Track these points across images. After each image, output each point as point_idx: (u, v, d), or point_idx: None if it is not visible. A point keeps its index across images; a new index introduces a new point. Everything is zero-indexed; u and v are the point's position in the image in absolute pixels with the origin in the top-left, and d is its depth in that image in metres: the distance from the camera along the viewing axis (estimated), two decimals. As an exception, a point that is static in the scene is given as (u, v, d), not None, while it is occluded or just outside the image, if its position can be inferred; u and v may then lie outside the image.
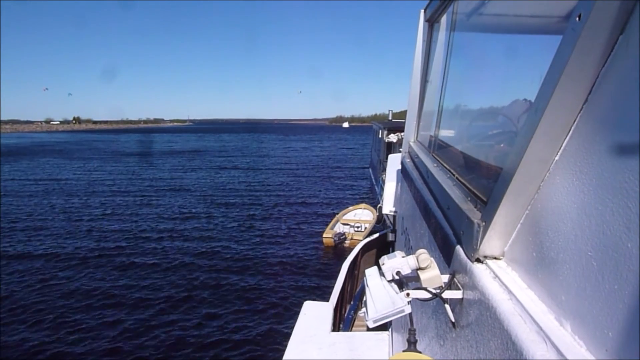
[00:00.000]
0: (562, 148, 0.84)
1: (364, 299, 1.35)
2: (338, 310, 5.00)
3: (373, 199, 19.47)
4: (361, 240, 8.38)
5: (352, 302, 6.11)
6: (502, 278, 0.99)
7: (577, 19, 0.70)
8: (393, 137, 18.68)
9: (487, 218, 1.07)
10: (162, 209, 18.65)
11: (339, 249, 12.80)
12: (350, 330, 5.37)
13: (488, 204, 1.10)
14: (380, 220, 13.68)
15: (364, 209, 15.92)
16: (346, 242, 13.27)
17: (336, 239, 13.32)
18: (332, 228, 14.26)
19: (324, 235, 13.74)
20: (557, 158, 0.85)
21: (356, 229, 14.33)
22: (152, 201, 20.27)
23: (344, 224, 14.86)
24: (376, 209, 14.31)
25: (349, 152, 53.75)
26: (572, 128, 0.80)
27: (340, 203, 19.31)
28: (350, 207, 16.15)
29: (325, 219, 16.35)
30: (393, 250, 1.38)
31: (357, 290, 6.59)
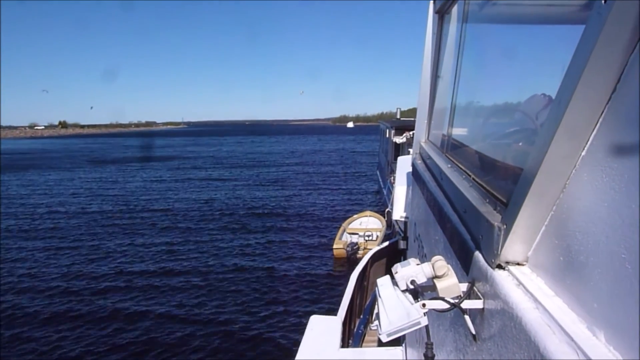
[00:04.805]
0: (588, 143, 0.83)
1: (376, 311, 1.34)
2: (347, 324, 4.98)
3: (382, 204, 19.40)
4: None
5: (361, 316, 6.09)
6: (526, 285, 0.98)
7: (603, 1, 0.70)
8: (402, 138, 18.67)
9: (508, 221, 1.06)
10: (159, 223, 18.57)
11: (352, 260, 12.78)
12: (361, 346, 5.36)
13: (509, 206, 1.10)
14: (390, 226, 13.65)
15: (370, 216, 15.90)
16: (359, 252, 13.18)
17: (349, 249, 13.30)
18: (340, 238, 14.29)
19: (335, 247, 13.74)
20: (583, 154, 0.85)
21: (367, 238, 14.29)
22: (148, 215, 20.17)
23: (351, 234, 14.83)
24: (384, 215, 14.27)
25: (355, 155, 53.75)
26: (600, 121, 0.80)
27: (348, 211, 19.26)
28: (355, 216, 16.13)
29: (333, 229, 16.36)
30: (404, 259, 1.38)
31: (367, 302, 6.57)
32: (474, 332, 1.24)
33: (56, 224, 18.94)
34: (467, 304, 1.22)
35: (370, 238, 14.27)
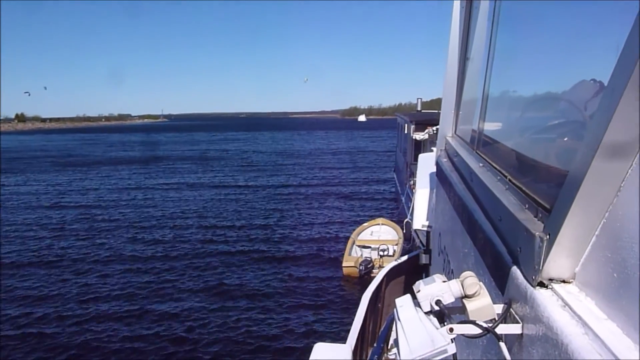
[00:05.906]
0: None
1: (393, 337, 1.34)
2: (358, 353, 4.98)
3: (399, 214, 19.33)
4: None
5: (375, 344, 6.08)
6: (573, 307, 0.98)
7: None
8: (423, 134, 18.60)
9: (552, 230, 1.06)
10: (137, 241, 18.38)
11: (364, 280, 12.69)
12: None
13: (553, 212, 1.10)
14: (409, 239, 13.55)
15: (382, 224, 15.69)
16: (374, 270, 12.88)
17: (362, 268, 13.13)
18: (350, 254, 14.22)
19: (344, 264, 13.64)
20: None
21: (382, 253, 14.09)
22: (124, 231, 19.97)
23: (362, 247, 14.69)
24: (403, 225, 14.13)
25: (367, 155, 53.79)
26: None
27: (359, 222, 19.23)
28: (365, 224, 15.89)
29: (342, 241, 16.37)
30: (427, 276, 1.38)
31: (382, 328, 6.55)
32: None
33: (15, 241, 18.72)
34: (502, 329, 1.22)
35: (385, 253, 14.09)
